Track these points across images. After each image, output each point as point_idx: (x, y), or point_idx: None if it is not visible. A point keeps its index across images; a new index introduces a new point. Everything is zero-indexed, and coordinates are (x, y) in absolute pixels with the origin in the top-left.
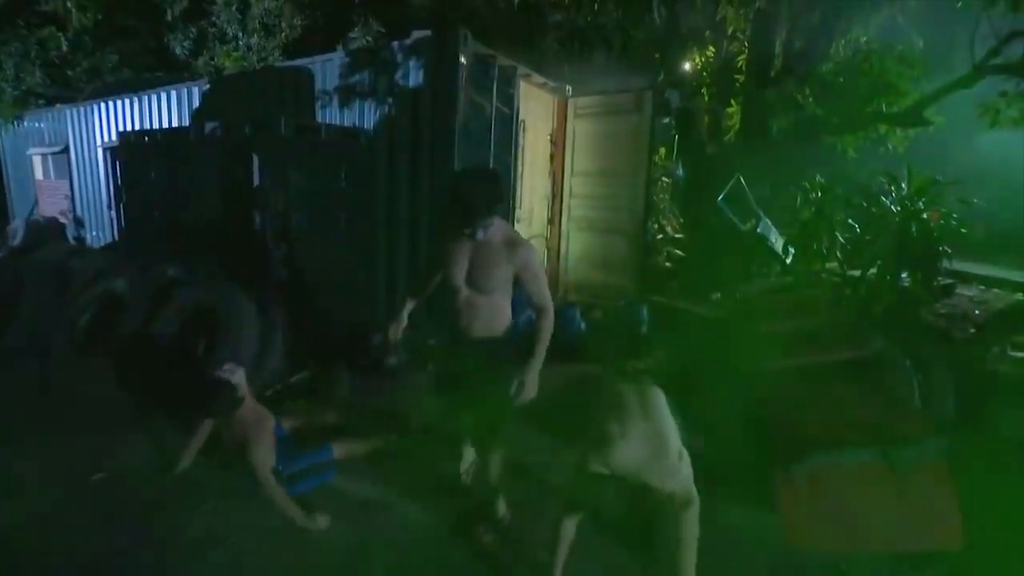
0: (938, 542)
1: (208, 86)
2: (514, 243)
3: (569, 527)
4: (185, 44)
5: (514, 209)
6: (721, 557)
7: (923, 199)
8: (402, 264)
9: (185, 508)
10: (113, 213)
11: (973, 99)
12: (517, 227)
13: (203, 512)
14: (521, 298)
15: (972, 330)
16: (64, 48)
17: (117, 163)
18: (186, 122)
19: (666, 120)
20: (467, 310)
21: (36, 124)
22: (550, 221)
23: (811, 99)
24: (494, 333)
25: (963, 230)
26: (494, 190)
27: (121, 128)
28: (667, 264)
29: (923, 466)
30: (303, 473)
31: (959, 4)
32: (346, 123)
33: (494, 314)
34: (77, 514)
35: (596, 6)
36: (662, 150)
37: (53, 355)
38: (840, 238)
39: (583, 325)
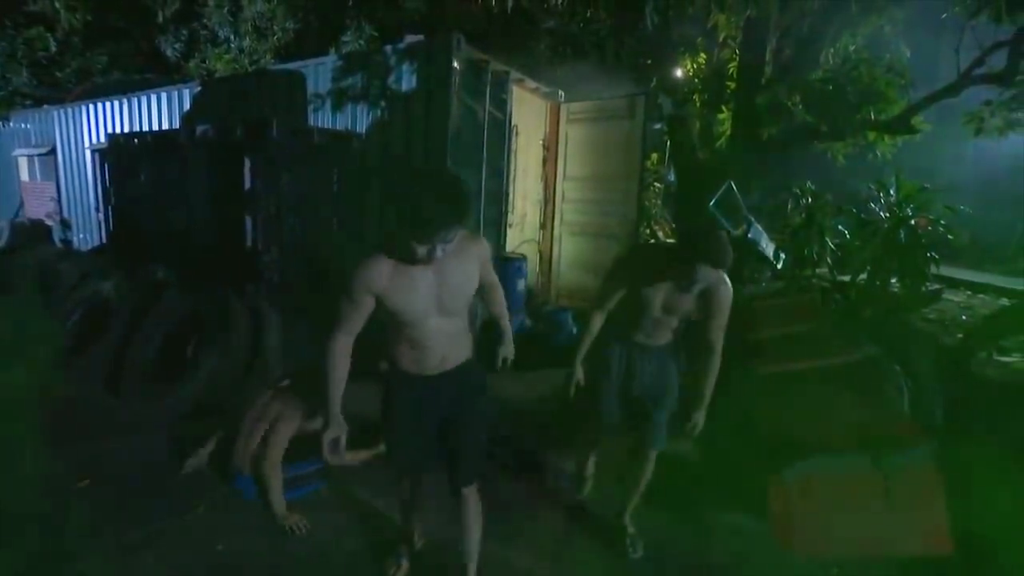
0: (927, 546)
1: (199, 88)
2: (471, 243)
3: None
4: (176, 46)
5: (506, 214)
6: (712, 561)
7: (911, 206)
8: None
9: (175, 513)
10: (101, 216)
11: (959, 108)
12: (509, 232)
13: (192, 516)
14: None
15: (959, 335)
16: (52, 49)
17: (105, 165)
18: (176, 124)
19: (658, 126)
20: (440, 340)
21: (22, 125)
22: (542, 226)
23: (801, 106)
24: (468, 355)
25: (950, 236)
26: (460, 199)
27: (110, 130)
28: None
29: (912, 471)
30: (293, 481)
31: (944, 15)
32: (338, 127)
33: (464, 334)
34: (65, 519)
35: (589, 12)
36: (654, 156)
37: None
38: (830, 244)
39: (575, 329)
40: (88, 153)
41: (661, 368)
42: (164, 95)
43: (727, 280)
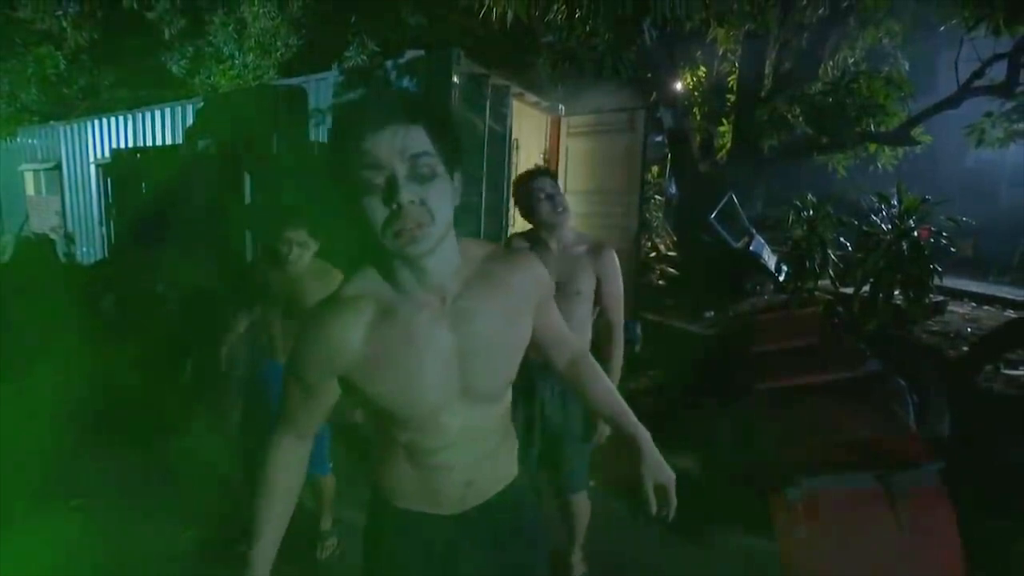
0: (936, 569)
1: (202, 104)
2: (514, 266)
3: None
4: (182, 63)
5: (507, 228)
6: None
7: (913, 217)
8: None
9: (168, 536)
10: (104, 230)
11: (960, 119)
12: None
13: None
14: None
15: (965, 348)
16: (61, 67)
17: (109, 180)
18: (180, 140)
19: (659, 139)
20: (465, 449)
21: (29, 140)
22: None
23: (801, 119)
24: (513, 473)
25: (953, 248)
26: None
27: (114, 145)
28: (660, 282)
29: (921, 490)
30: None
31: (943, 28)
32: None
33: (506, 434)
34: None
35: (588, 27)
36: (655, 169)
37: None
38: (832, 256)
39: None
40: (92, 168)
41: (568, 394)
42: (168, 110)
43: (608, 246)
